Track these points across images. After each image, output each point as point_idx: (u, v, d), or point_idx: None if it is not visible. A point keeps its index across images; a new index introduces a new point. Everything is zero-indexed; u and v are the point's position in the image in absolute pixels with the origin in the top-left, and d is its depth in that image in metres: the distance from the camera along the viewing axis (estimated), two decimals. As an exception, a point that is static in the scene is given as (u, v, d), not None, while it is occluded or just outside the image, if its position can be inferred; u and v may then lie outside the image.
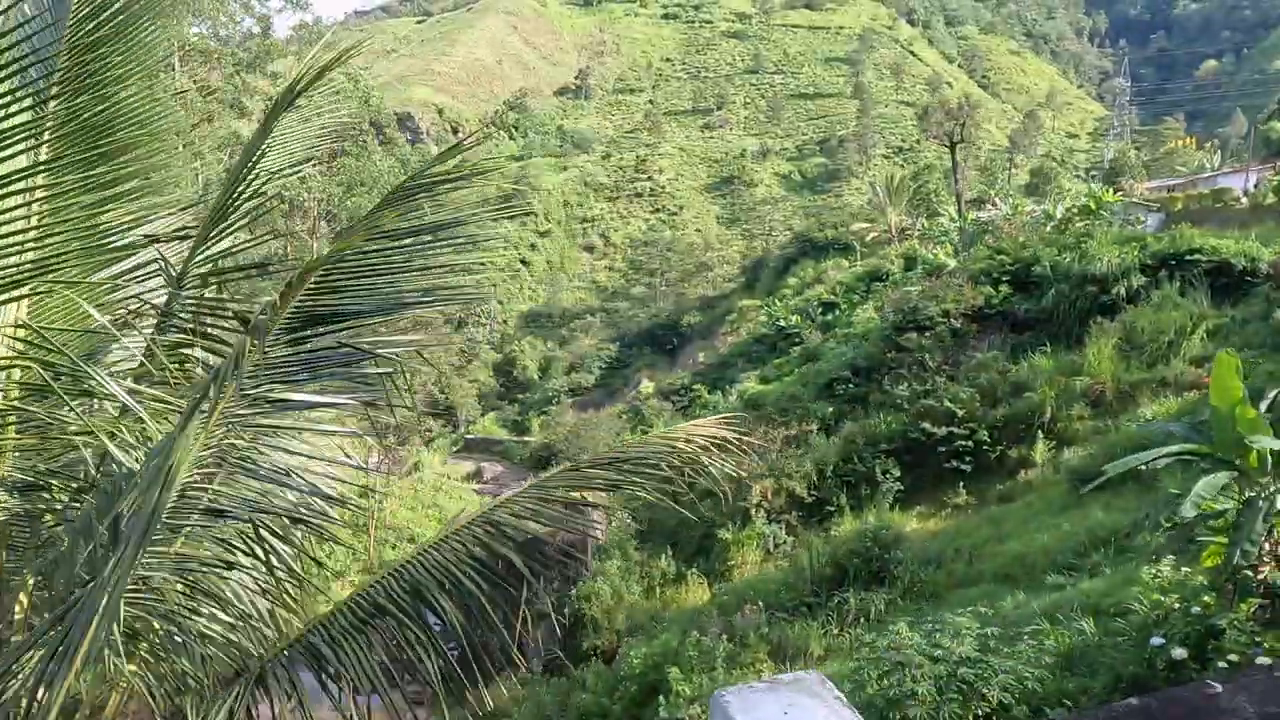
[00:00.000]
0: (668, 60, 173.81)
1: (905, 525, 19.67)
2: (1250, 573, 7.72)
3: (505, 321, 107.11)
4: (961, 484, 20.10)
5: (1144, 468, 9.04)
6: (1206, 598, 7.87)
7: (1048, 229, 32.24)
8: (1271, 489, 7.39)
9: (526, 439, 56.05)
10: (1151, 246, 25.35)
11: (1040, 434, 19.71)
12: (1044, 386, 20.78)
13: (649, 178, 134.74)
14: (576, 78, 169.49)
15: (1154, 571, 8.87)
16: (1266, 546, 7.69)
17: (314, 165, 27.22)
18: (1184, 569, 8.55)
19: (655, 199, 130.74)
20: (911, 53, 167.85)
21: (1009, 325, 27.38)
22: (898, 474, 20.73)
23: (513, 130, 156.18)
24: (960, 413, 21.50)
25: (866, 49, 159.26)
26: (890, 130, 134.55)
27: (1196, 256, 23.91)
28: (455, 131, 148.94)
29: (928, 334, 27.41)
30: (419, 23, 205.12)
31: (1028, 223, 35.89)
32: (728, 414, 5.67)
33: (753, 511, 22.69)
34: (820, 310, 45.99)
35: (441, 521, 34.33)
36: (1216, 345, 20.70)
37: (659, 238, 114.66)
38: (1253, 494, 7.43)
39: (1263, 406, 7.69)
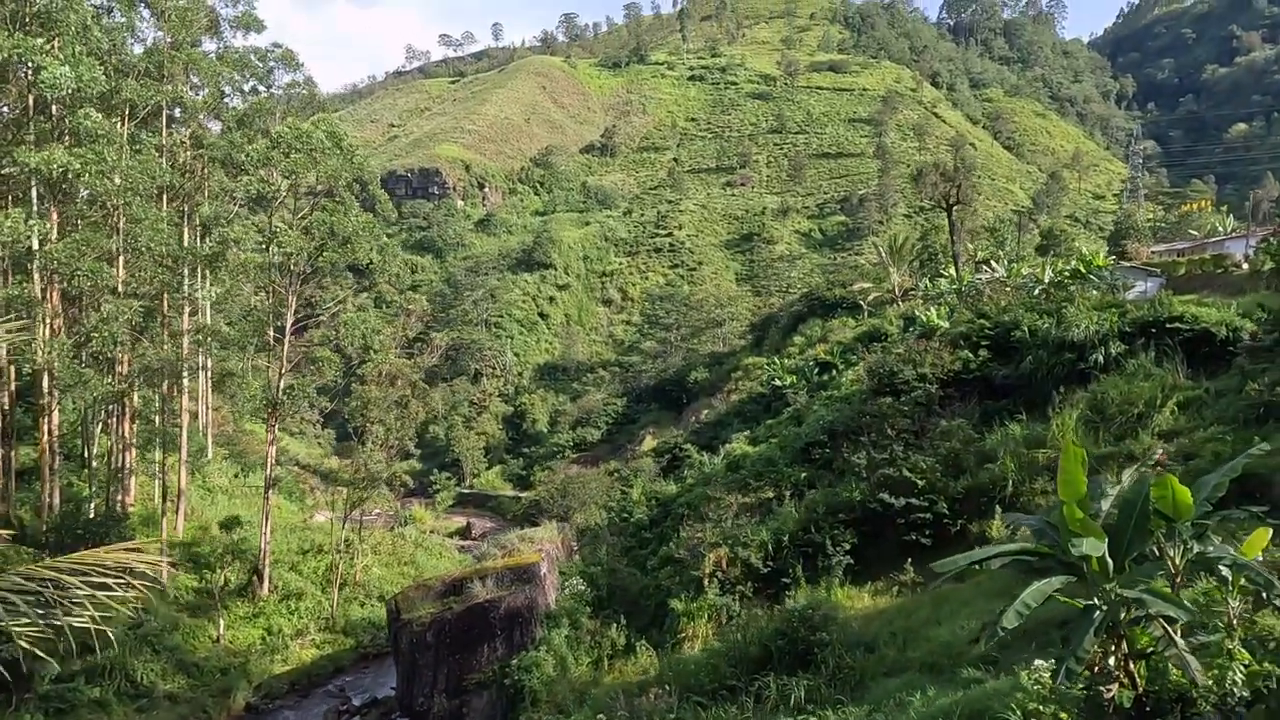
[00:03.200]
0: (692, 120, 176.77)
1: (855, 602, 18.69)
2: (1102, 688, 6.92)
3: (520, 374, 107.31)
4: (910, 560, 19.06)
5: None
6: (1064, 715, 7.06)
7: (1035, 293, 31.41)
8: (1113, 596, 6.63)
9: (520, 494, 55.38)
10: (1131, 313, 24.46)
11: (999, 508, 18.72)
12: (1006, 458, 19.84)
13: (669, 233, 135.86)
14: (603, 136, 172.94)
15: (1034, 679, 8.05)
16: (1114, 660, 6.88)
17: (288, 223, 27.60)
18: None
19: (675, 254, 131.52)
20: (935, 114, 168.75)
21: (986, 391, 26.47)
22: (848, 548, 19.77)
23: (538, 185, 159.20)
24: (920, 483, 20.55)
25: (890, 110, 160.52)
26: (912, 189, 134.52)
27: (1177, 325, 22.98)
28: (481, 187, 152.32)
29: (904, 398, 26.60)
30: (452, 83, 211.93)
31: (1022, 285, 35.08)
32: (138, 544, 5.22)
33: (706, 581, 21.79)
34: (816, 370, 45.20)
35: (415, 578, 33.65)
36: (1189, 418, 19.68)
37: (676, 292, 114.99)
38: (1090, 602, 6.67)
39: (1103, 505, 6.97)
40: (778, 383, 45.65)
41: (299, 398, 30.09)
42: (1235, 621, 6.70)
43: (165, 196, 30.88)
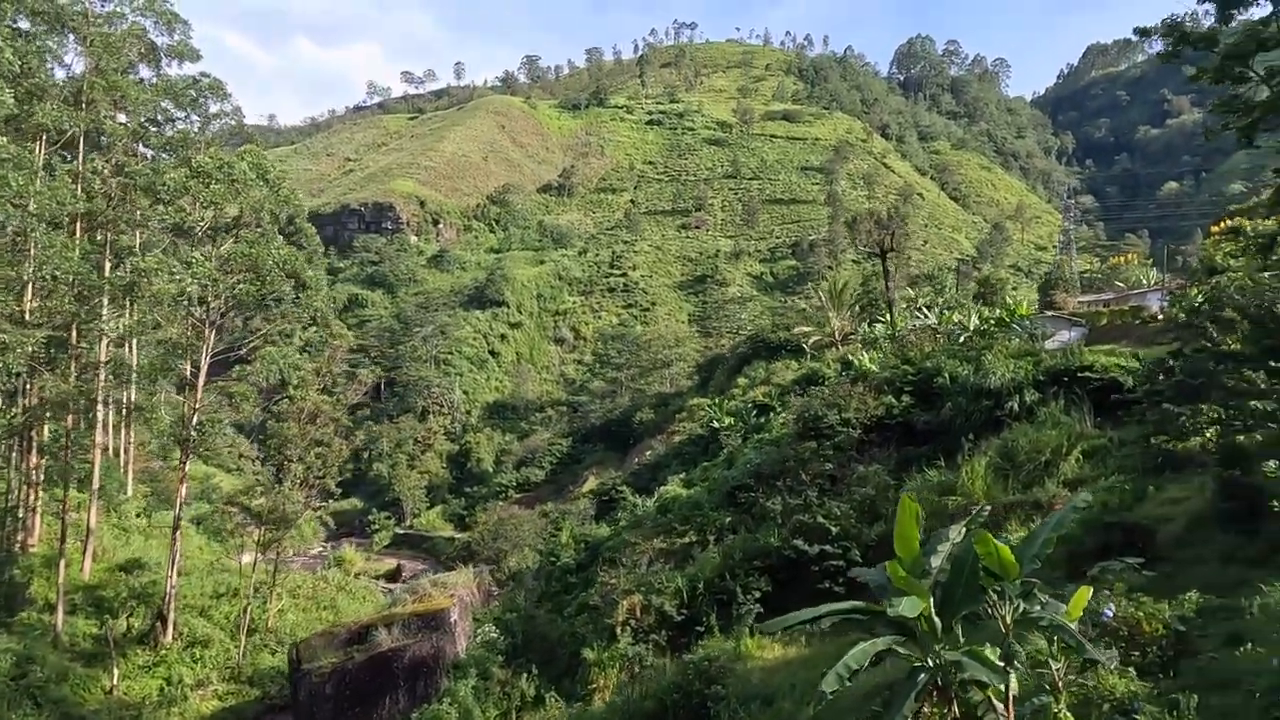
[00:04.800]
0: (650, 163, 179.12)
1: (765, 652, 18.28)
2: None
3: (469, 412, 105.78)
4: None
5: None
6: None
7: (961, 340, 31.93)
8: (943, 657, 6.40)
9: (454, 535, 54.06)
10: (1045, 362, 24.93)
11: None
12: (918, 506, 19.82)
13: (623, 273, 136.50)
14: (560, 176, 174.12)
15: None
16: (944, 725, 6.62)
17: (208, 255, 26.81)
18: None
19: (628, 294, 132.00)
20: (884, 164, 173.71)
21: (908, 436, 26.61)
22: (758, 595, 19.41)
23: (494, 223, 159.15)
24: (835, 530, 20.40)
25: (841, 159, 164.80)
26: (849, 236, 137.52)
27: (1088, 374, 23.46)
28: (436, 223, 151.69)
29: (827, 443, 26.59)
30: (411, 119, 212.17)
31: (949, 332, 35.67)
32: None
33: (619, 630, 21.22)
34: (754, 413, 45.20)
35: (333, 623, 32.28)
36: (1093, 467, 19.94)
37: (628, 332, 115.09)
38: (916, 664, 6.43)
39: (934, 561, 6.79)
40: (716, 424, 45.55)
41: (211, 434, 28.99)
42: (1060, 684, 6.51)
43: (80, 225, 29.86)
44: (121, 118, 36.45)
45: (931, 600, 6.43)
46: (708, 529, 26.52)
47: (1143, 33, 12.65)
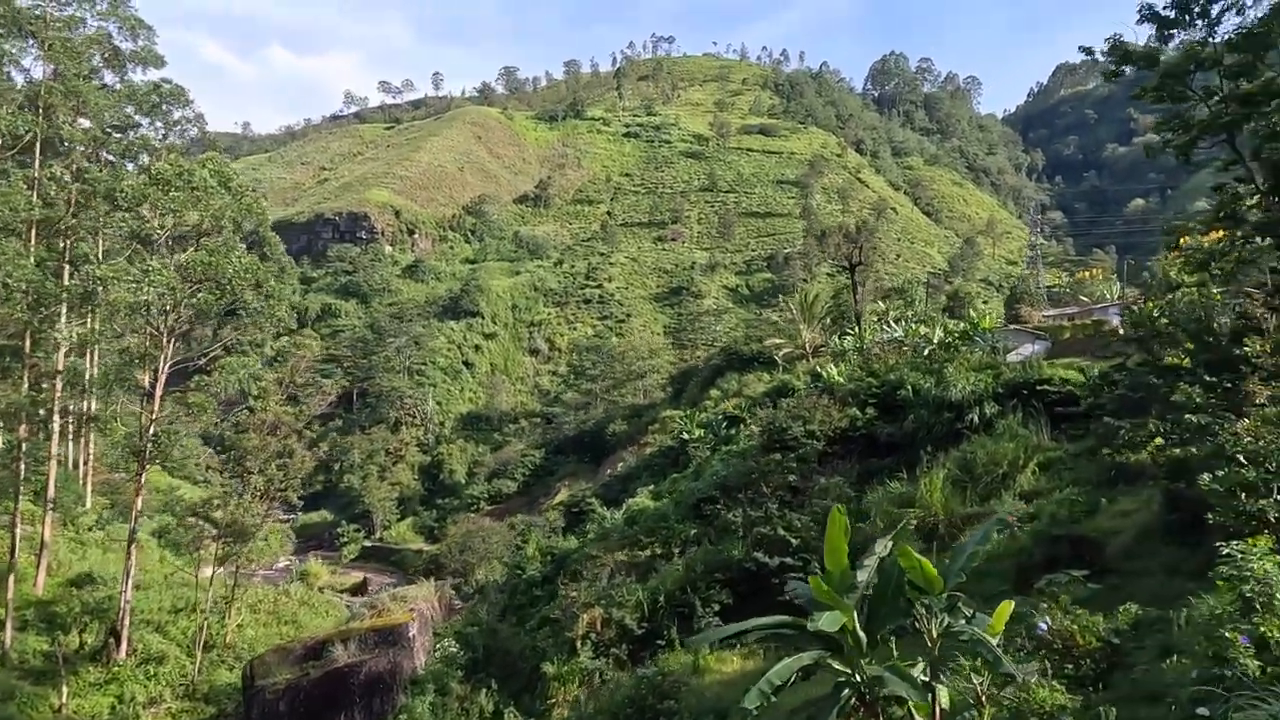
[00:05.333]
0: (626, 175, 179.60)
1: (725, 665, 18.18)
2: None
3: (442, 423, 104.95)
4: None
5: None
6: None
7: (925, 353, 32.21)
8: (866, 673, 6.36)
9: (423, 548, 53.45)
10: (1005, 375, 25.19)
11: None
12: (876, 518, 19.89)
13: (599, 285, 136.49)
14: (537, 187, 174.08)
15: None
16: (870, 741, 6.57)
17: (163, 263, 26.34)
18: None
19: (604, 306, 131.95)
20: (859, 179, 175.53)
21: (871, 448, 26.74)
22: (717, 608, 19.37)
23: (469, 234, 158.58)
24: (795, 542, 20.42)
25: (816, 174, 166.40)
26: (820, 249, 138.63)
27: (1046, 387, 23.73)
28: (411, 233, 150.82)
29: (791, 455, 26.63)
30: (387, 129, 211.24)
31: (915, 345, 35.96)
32: None
33: (579, 644, 21.03)
34: (724, 425, 45.23)
35: (291, 638, 31.67)
36: (1048, 479, 20.13)
37: (603, 344, 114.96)
38: (841, 679, 6.39)
39: (861, 575, 6.77)
40: (685, 436, 45.50)
41: (168, 446, 28.40)
42: (984, 698, 6.50)
43: (34, 231, 29.21)
44: (85, 123, 35.89)
45: (857, 614, 6.40)
46: (672, 541, 26.44)
47: (1087, 51, 12.88)
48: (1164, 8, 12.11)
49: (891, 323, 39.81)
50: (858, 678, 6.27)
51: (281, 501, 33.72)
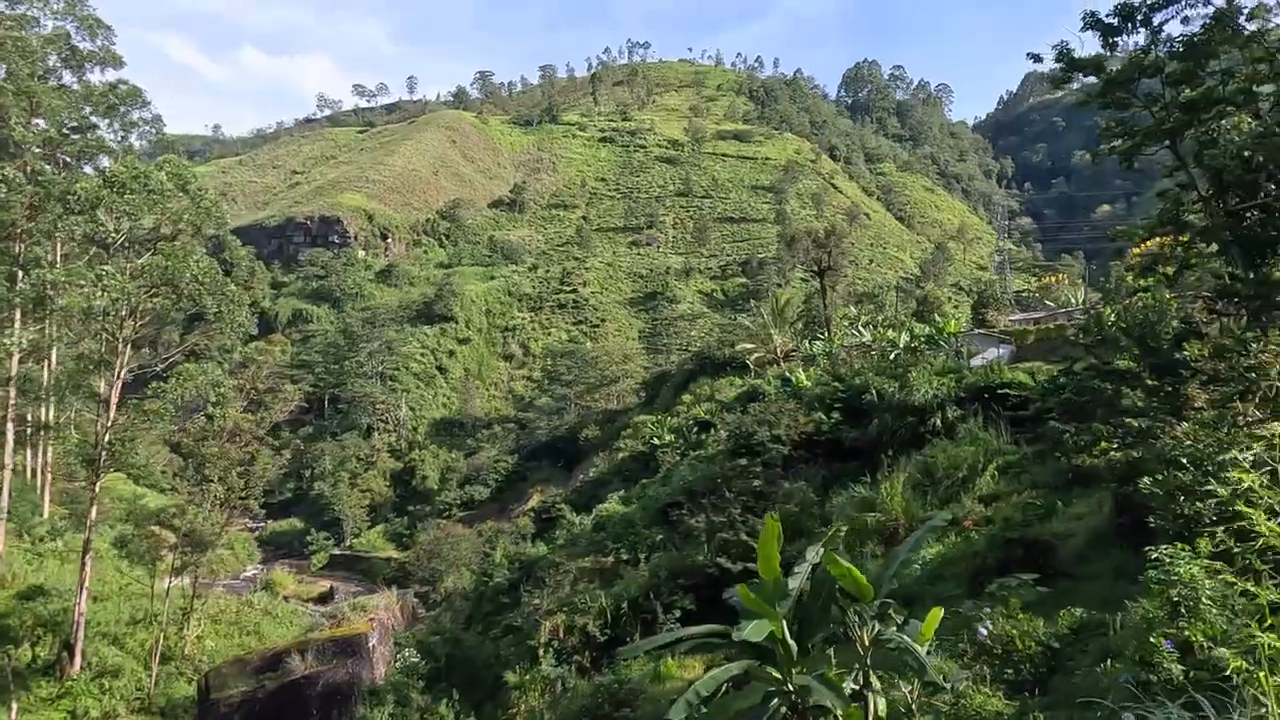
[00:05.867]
0: (602, 180, 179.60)
1: (687, 672, 18.07)
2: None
3: (415, 429, 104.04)
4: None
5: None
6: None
7: (892, 357, 32.43)
8: (796, 683, 6.28)
9: (392, 556, 52.83)
10: (967, 379, 25.40)
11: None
12: (838, 522, 19.90)
13: (574, 290, 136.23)
14: (512, 191, 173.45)
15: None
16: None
17: (118, 268, 25.77)
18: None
19: (579, 311, 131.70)
20: (833, 184, 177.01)
21: (837, 452, 26.83)
22: (679, 614, 19.25)
23: (444, 238, 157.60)
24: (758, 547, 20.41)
25: (790, 179, 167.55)
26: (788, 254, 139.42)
27: (1006, 390, 23.94)
28: (384, 237, 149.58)
29: (758, 460, 26.62)
30: (361, 132, 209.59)
31: (882, 349, 36.22)
32: None
33: (541, 651, 20.83)
34: (695, 430, 45.23)
35: (249, 649, 31.09)
36: (1008, 482, 20.26)
37: (578, 349, 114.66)
38: (770, 688, 6.31)
39: (793, 583, 6.71)
40: (656, 442, 45.44)
41: (123, 453, 27.75)
42: (914, 705, 6.45)
43: (-17, 234, 28.56)
44: (40, 124, 35.12)
45: (784, 623, 6.33)
46: (639, 547, 26.33)
47: (1036, 59, 13.03)
48: (1107, 16, 12.29)
49: (860, 328, 40.05)
50: (788, 687, 6.18)
51: (243, 510, 33.13)
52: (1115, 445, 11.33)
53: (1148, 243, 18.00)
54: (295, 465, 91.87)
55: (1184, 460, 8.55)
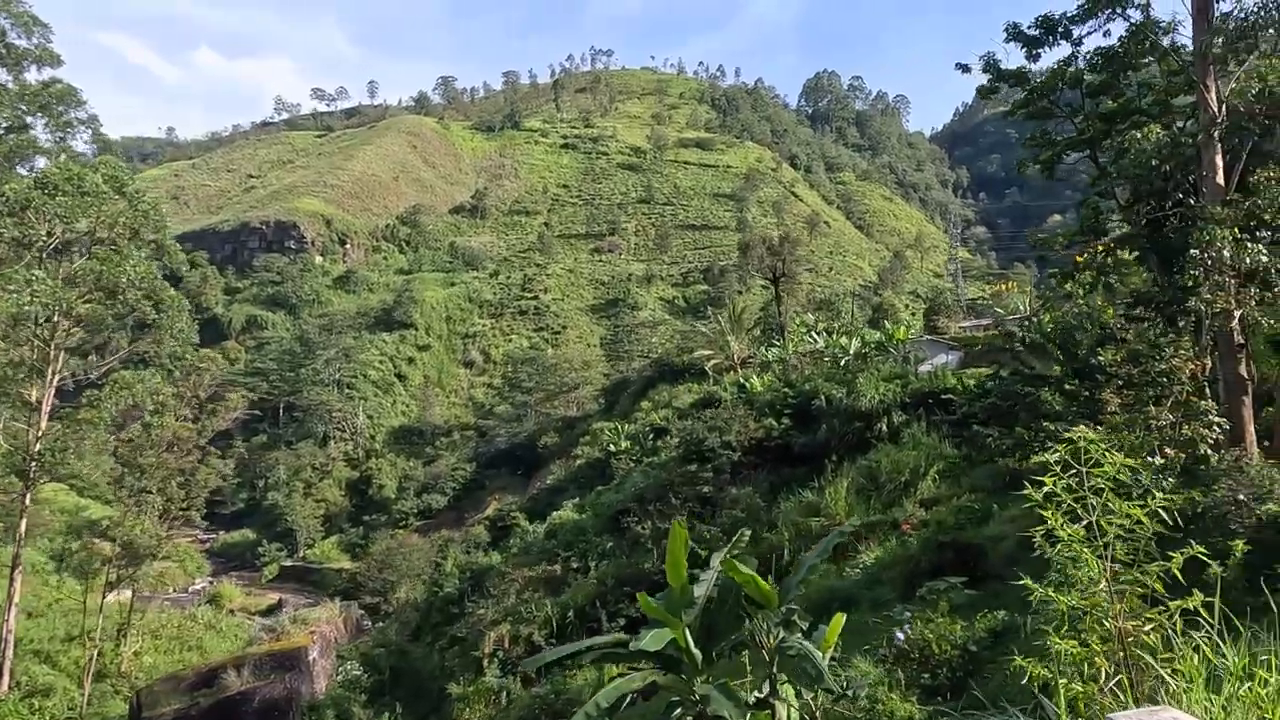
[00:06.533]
0: (564, 186, 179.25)
1: (631, 684, 17.99)
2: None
3: (373, 437, 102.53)
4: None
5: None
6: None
7: (842, 363, 32.74)
8: (698, 692, 6.20)
9: (343, 567, 51.88)
10: (912, 384, 25.73)
11: (770, 579, 18.77)
12: (783, 527, 20.01)
13: (535, 296, 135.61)
14: (473, 197, 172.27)
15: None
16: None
17: (49, 272, 24.90)
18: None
19: (540, 317, 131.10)
20: (793, 193, 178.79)
21: (787, 458, 26.97)
22: (623, 622, 19.14)
23: (404, 244, 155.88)
24: (704, 553, 20.39)
25: (751, 187, 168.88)
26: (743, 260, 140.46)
27: (949, 395, 24.29)
28: (343, 243, 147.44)
29: (708, 465, 26.67)
30: (319, 137, 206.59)
31: (836, 355, 36.53)
32: None
33: (486, 662, 20.56)
34: (651, 436, 45.21)
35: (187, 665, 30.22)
36: (949, 485, 20.51)
37: (538, 356, 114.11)
38: (672, 699, 6.23)
39: (699, 590, 6.64)
40: (612, 448, 45.32)
41: (53, 463, 26.78)
42: (818, 714, 6.42)
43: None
44: (-28, 124, 33.92)
45: (689, 631, 6.25)
46: (589, 554, 26.18)
47: (964, 69, 13.26)
48: (1029, 27, 12.58)
49: (815, 334, 40.41)
50: (693, 697, 6.10)
51: (185, 521, 32.19)
52: (1033, 448, 11.50)
53: (1092, 249, 18.34)
54: (249, 475, 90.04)
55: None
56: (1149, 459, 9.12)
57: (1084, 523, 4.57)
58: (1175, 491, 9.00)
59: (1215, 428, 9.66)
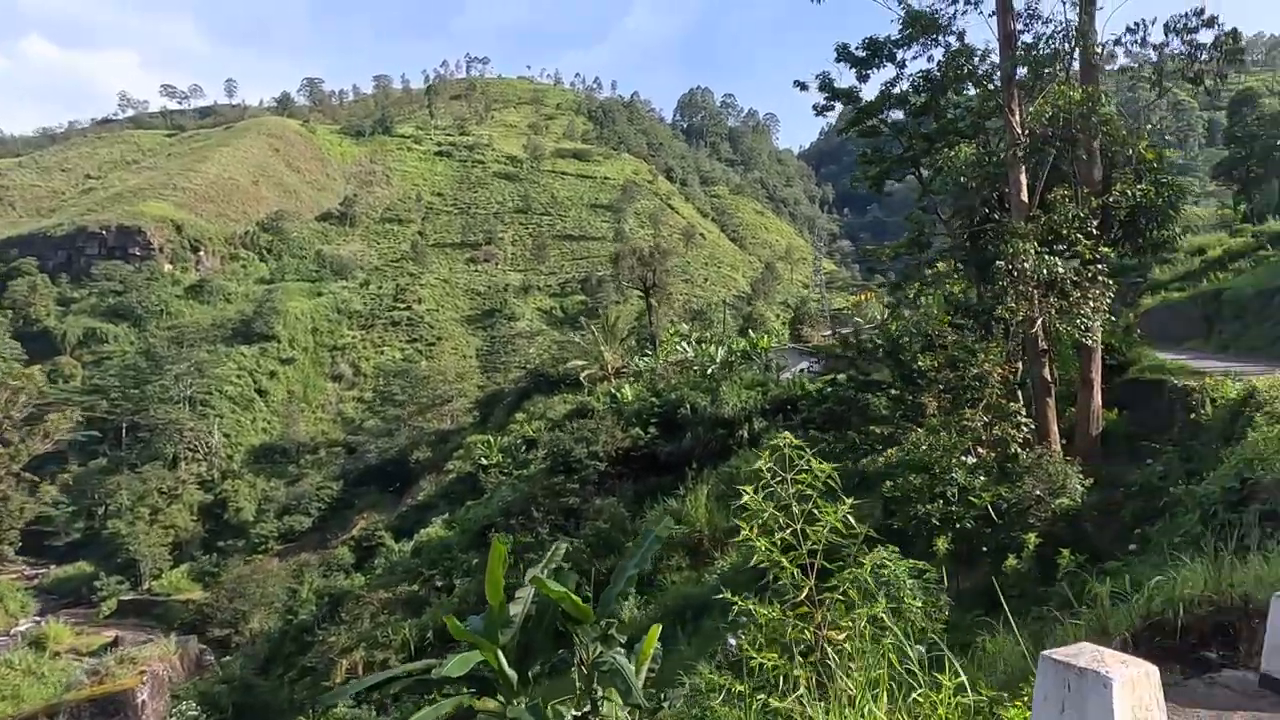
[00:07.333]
0: (439, 194, 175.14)
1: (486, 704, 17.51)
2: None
3: (230, 456, 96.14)
4: (559, 650, 18.29)
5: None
6: None
7: (709, 372, 33.43)
8: (510, 714, 5.99)
9: (191, 598, 48.25)
10: (772, 391, 26.55)
11: (633, 590, 18.79)
12: (643, 536, 20.11)
13: (408, 307, 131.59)
14: (342, 204, 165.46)
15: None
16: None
17: None
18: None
19: (413, 328, 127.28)
20: (669, 205, 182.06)
21: (653, 466, 27.21)
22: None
23: (265, 252, 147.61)
24: (567, 567, 20.19)
25: (629, 199, 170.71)
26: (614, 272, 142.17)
27: (804, 401, 25.19)
28: (196, 250, 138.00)
29: (575, 477, 26.50)
30: (169, 136, 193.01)
31: (703, 364, 37.23)
32: None
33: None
34: (523, 448, 44.62)
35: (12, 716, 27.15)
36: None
37: (411, 368, 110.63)
38: (487, 723, 6.00)
39: (514, 609, 6.49)
40: (484, 462, 44.40)
41: None
42: (635, 728, 6.34)
43: None
44: None
45: (500, 652, 6.05)
46: (454, 572, 25.45)
47: (802, 86, 13.86)
48: (857, 49, 13.32)
49: (683, 344, 41.09)
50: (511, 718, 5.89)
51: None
52: (864, 450, 12.04)
53: (922, 262, 19.40)
54: (85, 503, 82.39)
55: (913, 464, 9.07)
56: (964, 459, 9.65)
57: (789, 530, 4.66)
58: (985, 489, 9.60)
59: (1023, 428, 10.42)
